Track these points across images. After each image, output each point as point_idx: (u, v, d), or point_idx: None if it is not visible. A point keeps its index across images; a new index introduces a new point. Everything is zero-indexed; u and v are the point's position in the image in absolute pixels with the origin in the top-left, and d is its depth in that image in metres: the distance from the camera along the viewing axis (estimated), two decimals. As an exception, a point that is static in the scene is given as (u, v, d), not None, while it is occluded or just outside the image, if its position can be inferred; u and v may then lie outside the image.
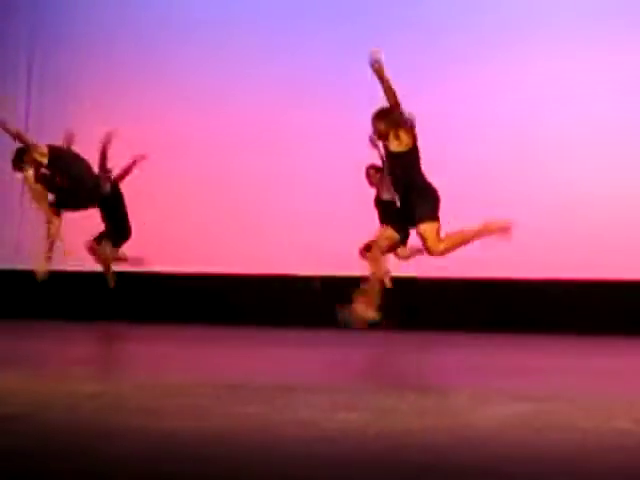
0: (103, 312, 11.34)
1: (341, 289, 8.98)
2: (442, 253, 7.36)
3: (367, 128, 7.63)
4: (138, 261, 10.52)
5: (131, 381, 6.22)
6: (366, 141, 8.83)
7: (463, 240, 7.45)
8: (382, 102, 7.30)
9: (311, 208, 11.35)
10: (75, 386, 5.75)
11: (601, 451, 3.93)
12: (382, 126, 7.37)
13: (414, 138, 7.40)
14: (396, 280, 9.73)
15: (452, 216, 7.33)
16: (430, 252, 7.38)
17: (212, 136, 11.57)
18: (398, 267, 9.75)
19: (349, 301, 7.98)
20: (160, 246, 11.15)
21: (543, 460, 3.77)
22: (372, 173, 10.54)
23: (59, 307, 11.27)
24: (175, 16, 11.53)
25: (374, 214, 10.36)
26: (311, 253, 11.00)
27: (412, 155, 7.41)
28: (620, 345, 9.40)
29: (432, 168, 7.75)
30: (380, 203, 10.28)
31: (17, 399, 5.16)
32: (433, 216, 7.30)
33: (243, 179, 11.38)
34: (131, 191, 10.73)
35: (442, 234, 7.34)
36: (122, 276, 10.85)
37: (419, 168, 7.45)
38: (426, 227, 7.26)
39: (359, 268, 9.39)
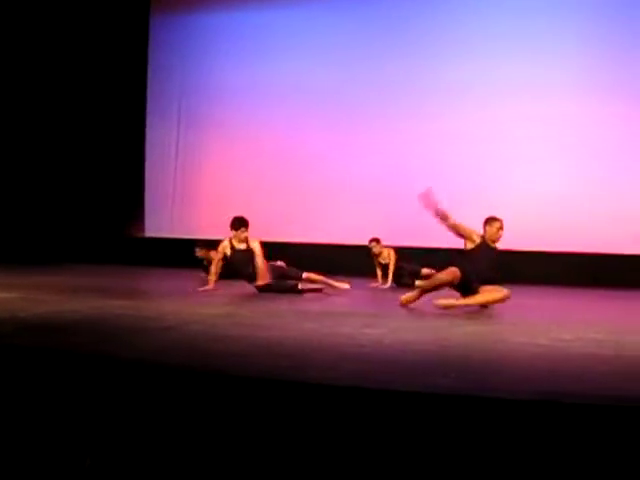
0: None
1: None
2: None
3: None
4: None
5: (240, 307, 6.15)
6: None
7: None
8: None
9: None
10: (204, 309, 5.68)
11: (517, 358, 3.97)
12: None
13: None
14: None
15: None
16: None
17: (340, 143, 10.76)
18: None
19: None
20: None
21: (492, 359, 3.82)
22: (374, 245, 8.67)
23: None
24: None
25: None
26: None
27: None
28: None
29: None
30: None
31: (170, 317, 5.14)
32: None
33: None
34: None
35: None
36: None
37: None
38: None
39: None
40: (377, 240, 8.84)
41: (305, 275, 7.61)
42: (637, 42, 9.37)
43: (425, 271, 8.70)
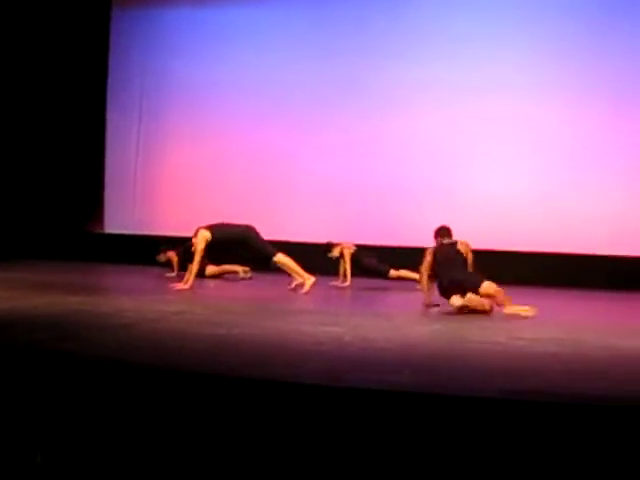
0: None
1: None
2: None
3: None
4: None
5: (201, 304, 6.13)
6: None
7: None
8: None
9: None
10: (165, 307, 5.68)
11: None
12: None
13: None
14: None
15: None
16: None
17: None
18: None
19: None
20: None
21: (449, 357, 3.91)
22: (330, 255, 8.57)
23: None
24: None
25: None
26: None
27: None
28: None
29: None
30: None
31: (130, 314, 5.13)
32: None
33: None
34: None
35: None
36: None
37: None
38: None
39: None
40: (329, 245, 8.71)
41: (277, 258, 7.61)
42: (604, 43, 9.43)
43: (394, 273, 8.71)
